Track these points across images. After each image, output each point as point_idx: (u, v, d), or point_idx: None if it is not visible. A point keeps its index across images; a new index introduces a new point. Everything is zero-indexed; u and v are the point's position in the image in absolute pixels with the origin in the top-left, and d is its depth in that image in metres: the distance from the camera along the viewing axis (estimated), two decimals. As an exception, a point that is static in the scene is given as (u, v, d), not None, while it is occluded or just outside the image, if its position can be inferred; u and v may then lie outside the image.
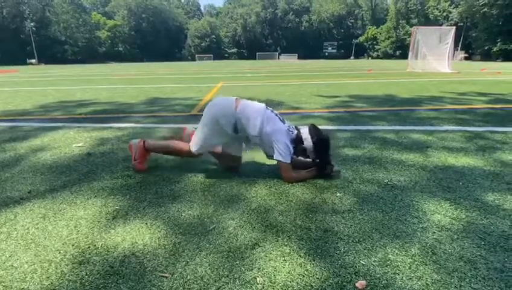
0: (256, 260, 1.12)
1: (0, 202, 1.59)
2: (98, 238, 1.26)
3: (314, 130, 1.80)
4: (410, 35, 15.47)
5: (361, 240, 1.23)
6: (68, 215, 1.45)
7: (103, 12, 68.91)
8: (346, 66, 19.96)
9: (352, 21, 70.81)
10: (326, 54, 66.84)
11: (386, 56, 57.83)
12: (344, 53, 66.09)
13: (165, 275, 1.05)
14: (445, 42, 13.12)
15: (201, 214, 1.45)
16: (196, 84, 8.56)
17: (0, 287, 1.00)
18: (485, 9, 36.76)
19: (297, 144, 1.80)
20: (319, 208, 1.49)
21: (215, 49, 71.53)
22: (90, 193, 1.69)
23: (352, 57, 62.22)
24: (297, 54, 61.35)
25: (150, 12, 67.95)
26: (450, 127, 3.10)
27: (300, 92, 6.15)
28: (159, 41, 67.80)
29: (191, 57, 70.09)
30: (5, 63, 42.03)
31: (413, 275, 1.04)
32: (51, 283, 1.02)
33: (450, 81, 8.52)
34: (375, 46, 63.10)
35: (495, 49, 37.35)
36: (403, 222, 1.36)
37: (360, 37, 66.14)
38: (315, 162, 1.85)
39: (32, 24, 52.60)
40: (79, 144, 2.64)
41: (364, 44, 65.20)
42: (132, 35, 67.17)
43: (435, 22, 46.45)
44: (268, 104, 1.92)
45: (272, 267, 1.08)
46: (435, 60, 13.16)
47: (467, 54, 40.35)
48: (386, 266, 1.08)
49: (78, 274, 1.06)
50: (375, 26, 63.81)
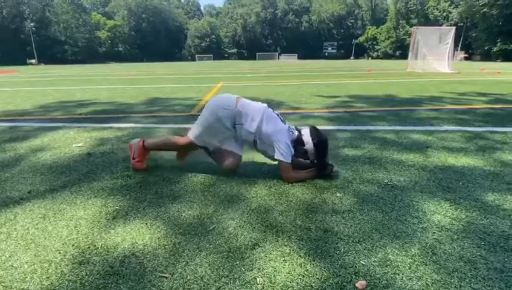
0: (256, 260, 1.12)
1: (0, 202, 1.59)
2: (98, 238, 1.26)
3: (314, 132, 1.80)
4: (410, 36, 15.48)
5: (361, 240, 1.23)
6: (68, 215, 1.45)
7: (103, 13, 68.93)
8: (346, 66, 19.96)
9: (352, 21, 70.82)
10: (326, 54, 66.86)
11: (386, 56, 57.84)
12: (344, 53, 66.10)
13: (165, 275, 1.04)
14: (445, 42, 13.12)
15: (201, 214, 1.45)
16: (196, 84, 8.56)
17: (0, 287, 1.00)
18: (485, 9, 36.77)
19: (297, 145, 1.80)
20: (319, 208, 1.49)
21: (215, 49, 71.55)
22: (90, 193, 1.69)
23: (352, 57, 62.23)
24: (297, 54, 61.38)
25: (150, 13, 67.96)
26: (450, 127, 3.10)
27: (300, 92, 6.15)
28: (159, 41, 67.82)
29: (191, 57, 70.11)
30: (5, 63, 42.05)
31: (413, 275, 1.04)
32: (51, 283, 1.02)
33: (450, 81, 8.52)
34: (375, 46, 63.12)
35: (495, 49, 37.37)
36: (403, 222, 1.36)
37: (360, 37, 66.15)
38: (314, 163, 1.85)
39: (32, 24, 52.62)
40: (79, 144, 2.64)
41: (364, 44, 65.21)
42: (132, 36, 67.19)
43: (435, 22, 46.46)
44: (269, 104, 1.92)
45: (272, 267, 1.08)
46: (435, 60, 13.17)
47: (466, 54, 40.36)
48: (386, 266, 1.08)
49: (78, 274, 1.06)
50: (375, 27, 63.83)
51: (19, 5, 54.19)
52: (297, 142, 1.80)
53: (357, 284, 0.99)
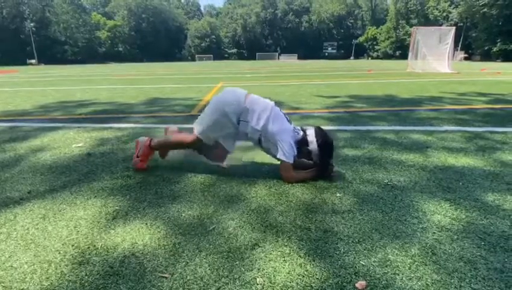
0: (256, 260, 1.12)
1: (0, 202, 1.59)
2: (98, 238, 1.26)
3: (320, 132, 1.80)
4: (410, 36, 15.48)
5: (361, 240, 1.23)
6: (68, 215, 1.45)
7: (103, 13, 68.97)
8: (346, 66, 19.96)
9: (352, 21, 70.88)
10: (326, 54, 66.92)
11: (386, 56, 57.87)
12: (344, 53, 66.15)
13: (164, 275, 1.04)
14: (445, 42, 13.14)
15: (201, 214, 1.45)
16: (196, 84, 8.56)
17: (0, 287, 1.00)
18: (485, 9, 36.81)
19: (301, 145, 1.80)
20: (319, 209, 1.49)
21: (215, 50, 71.59)
22: (90, 193, 1.68)
23: (352, 57, 62.28)
24: (297, 54, 61.44)
25: (150, 13, 68.01)
26: (450, 128, 3.10)
27: (300, 92, 6.15)
28: (159, 41, 67.84)
29: (191, 57, 70.14)
30: (5, 63, 42.03)
31: (413, 275, 1.04)
32: (51, 283, 1.02)
33: (449, 81, 8.52)
34: (375, 47, 63.17)
35: (495, 49, 37.40)
36: (403, 222, 1.36)
37: (360, 38, 66.21)
38: (316, 163, 1.85)
39: (32, 24, 52.66)
40: (79, 144, 2.64)
41: (364, 44, 65.26)
42: (132, 36, 67.22)
43: (435, 22, 46.50)
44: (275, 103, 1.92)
45: (272, 267, 1.08)
46: (435, 60, 13.18)
47: (466, 54, 40.39)
48: (386, 266, 1.08)
49: (77, 275, 1.06)
50: (375, 27, 63.88)
51: (19, 5, 54.21)
52: (302, 143, 1.80)
53: (356, 285, 0.99)
